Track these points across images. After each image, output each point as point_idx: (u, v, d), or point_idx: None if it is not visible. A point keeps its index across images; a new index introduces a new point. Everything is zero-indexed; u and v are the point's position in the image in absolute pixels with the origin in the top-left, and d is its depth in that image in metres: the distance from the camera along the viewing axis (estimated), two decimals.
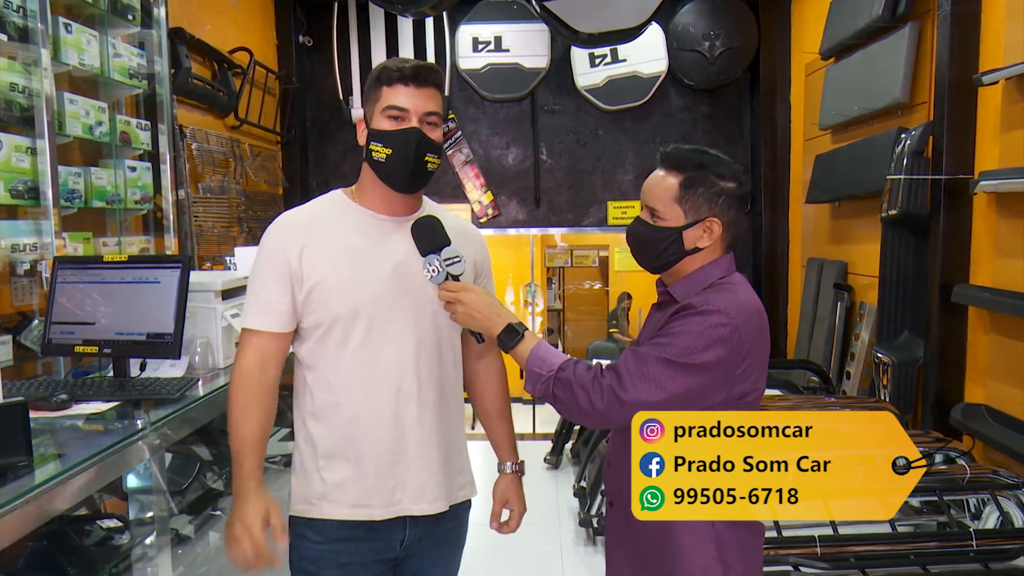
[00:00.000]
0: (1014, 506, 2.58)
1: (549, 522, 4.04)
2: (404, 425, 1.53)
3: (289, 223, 1.55)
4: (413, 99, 1.48)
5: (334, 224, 1.54)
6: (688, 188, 1.42)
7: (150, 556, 1.85)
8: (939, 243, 3.25)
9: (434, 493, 1.56)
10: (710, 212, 1.42)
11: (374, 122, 1.50)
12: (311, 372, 1.55)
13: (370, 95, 1.52)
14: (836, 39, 4.17)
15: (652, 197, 1.46)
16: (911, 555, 2.27)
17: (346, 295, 1.49)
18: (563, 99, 5.74)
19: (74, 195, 2.69)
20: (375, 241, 1.53)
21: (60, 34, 2.61)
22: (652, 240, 1.46)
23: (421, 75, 1.48)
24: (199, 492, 2.41)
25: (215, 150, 4.17)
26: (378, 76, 1.50)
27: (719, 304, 1.35)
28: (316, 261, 1.50)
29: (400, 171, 1.49)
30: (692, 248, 1.44)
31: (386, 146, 1.48)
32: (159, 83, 3.28)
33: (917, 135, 3.35)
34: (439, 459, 1.56)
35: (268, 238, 1.55)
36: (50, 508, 1.34)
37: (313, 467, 1.54)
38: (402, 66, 1.48)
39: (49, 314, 1.96)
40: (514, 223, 5.93)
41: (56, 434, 1.63)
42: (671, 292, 1.47)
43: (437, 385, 1.56)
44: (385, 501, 1.53)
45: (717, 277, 1.44)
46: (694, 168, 1.42)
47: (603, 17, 4.16)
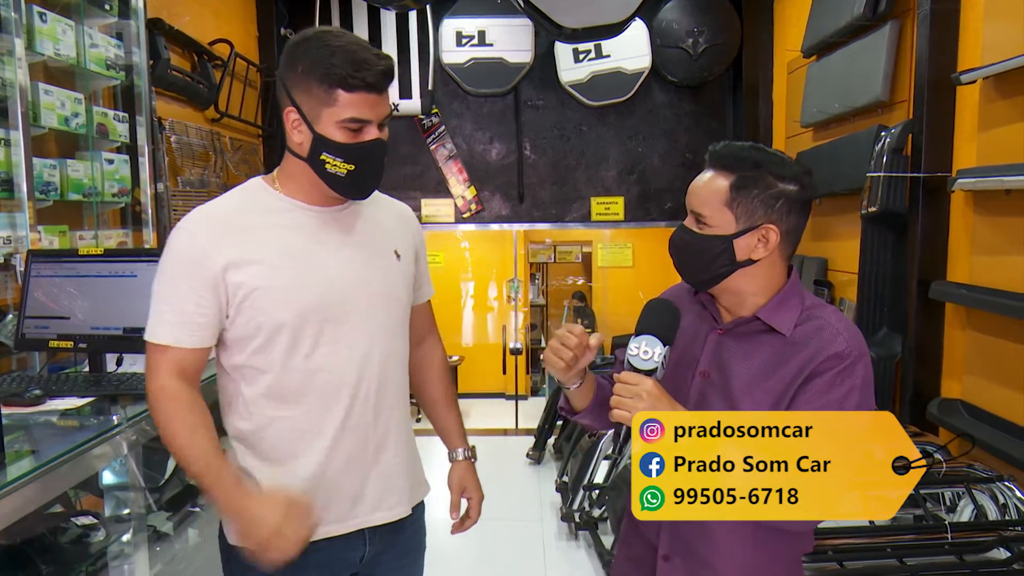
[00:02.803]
0: (988, 499, 2.62)
1: (531, 517, 4.05)
2: (362, 433, 1.40)
3: (208, 220, 1.33)
4: (377, 107, 1.30)
5: (263, 220, 1.34)
6: (740, 190, 1.24)
7: (127, 554, 1.83)
8: (917, 240, 3.29)
9: (395, 498, 1.46)
10: (766, 218, 1.24)
11: (326, 130, 1.29)
12: (250, 386, 1.36)
13: (315, 93, 1.28)
14: (818, 37, 4.20)
15: (698, 200, 1.28)
16: (888, 548, 2.30)
17: (290, 299, 1.32)
18: (547, 94, 5.74)
19: (49, 187, 2.65)
20: (314, 236, 1.36)
21: (35, 23, 2.56)
22: (698, 250, 1.27)
23: (387, 78, 1.30)
24: (177, 488, 2.39)
25: (195, 143, 4.12)
26: (330, 74, 1.25)
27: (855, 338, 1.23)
28: (248, 264, 1.30)
29: (362, 184, 1.35)
30: (745, 260, 1.26)
31: (348, 161, 1.30)
32: (137, 74, 3.23)
33: (897, 133, 3.38)
34: (397, 463, 1.47)
35: (182, 239, 1.32)
36: (23, 506, 1.32)
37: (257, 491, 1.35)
38: (364, 70, 1.26)
39: (23, 308, 1.93)
40: (497, 218, 5.92)
41: (30, 430, 1.60)
42: (769, 323, 1.28)
43: (392, 385, 1.45)
44: (342, 515, 1.40)
45: (806, 298, 1.30)
46: (748, 167, 1.25)
47: (586, 12, 4.16)
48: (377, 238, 1.44)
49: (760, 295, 1.30)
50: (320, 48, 1.27)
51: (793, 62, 4.82)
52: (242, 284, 1.31)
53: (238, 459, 1.39)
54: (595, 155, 5.81)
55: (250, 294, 1.31)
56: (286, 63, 1.31)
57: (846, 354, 1.22)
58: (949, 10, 3.14)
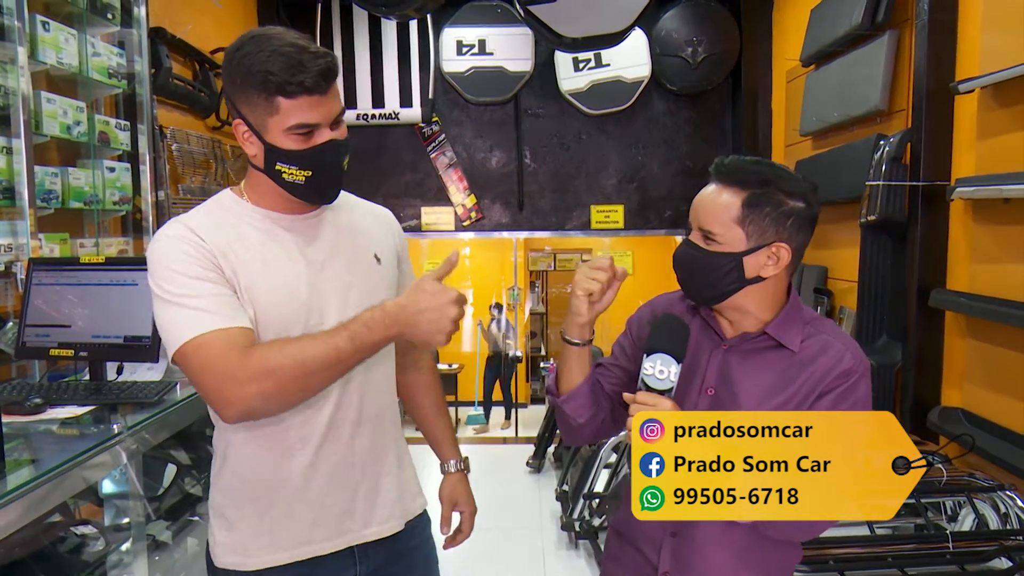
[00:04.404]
0: (989, 508, 2.61)
1: (531, 526, 4.04)
2: (346, 445, 1.34)
3: (193, 225, 1.26)
4: (322, 108, 1.22)
5: (236, 230, 1.28)
6: (752, 207, 1.23)
7: (126, 563, 1.82)
8: (917, 248, 3.29)
9: (386, 512, 1.40)
10: (777, 236, 1.24)
11: (275, 139, 1.22)
12: None
13: (257, 103, 1.20)
14: (816, 46, 4.22)
15: (708, 217, 1.25)
16: (889, 557, 2.29)
17: (270, 306, 1.26)
18: (547, 103, 5.76)
19: (51, 195, 2.65)
20: (287, 245, 1.30)
21: (37, 32, 2.58)
22: (706, 267, 1.26)
23: (328, 77, 1.21)
24: (177, 497, 2.39)
25: (196, 151, 4.13)
26: (266, 82, 1.18)
27: (858, 354, 1.25)
28: (235, 269, 1.25)
29: (324, 188, 1.29)
30: (754, 277, 1.25)
31: (303, 168, 1.24)
32: (139, 83, 3.25)
33: (895, 142, 3.39)
34: (388, 473, 1.41)
35: (174, 242, 1.23)
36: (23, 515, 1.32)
37: (241, 512, 1.32)
38: (302, 73, 1.18)
39: (24, 316, 1.93)
40: (498, 226, 5.93)
41: (30, 439, 1.60)
42: (778, 339, 1.28)
43: (377, 394, 1.40)
44: (331, 532, 1.34)
45: (805, 312, 1.31)
46: (759, 184, 1.23)
47: (587, 22, 4.18)
48: (355, 242, 1.38)
49: (765, 311, 1.30)
50: (255, 55, 1.19)
51: (792, 71, 4.84)
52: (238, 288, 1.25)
53: (222, 473, 1.34)
54: (595, 163, 5.83)
55: (243, 298, 1.25)
56: (225, 74, 1.24)
57: (853, 371, 1.24)
58: (947, 20, 3.16)
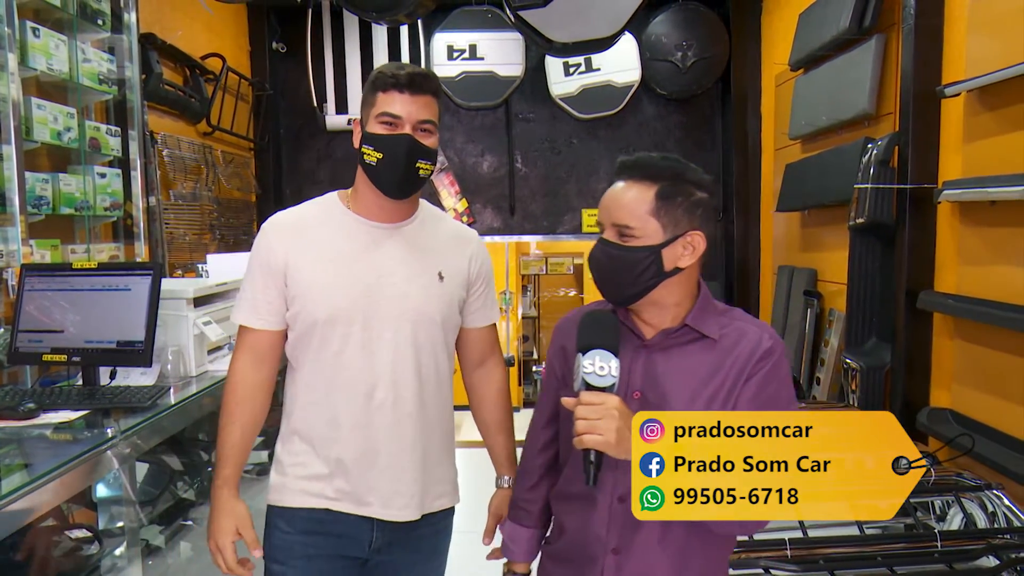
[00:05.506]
0: (977, 507, 2.64)
1: None
2: (376, 434, 1.53)
3: (279, 224, 1.57)
4: (407, 107, 1.48)
5: (323, 228, 1.55)
6: (665, 199, 1.24)
7: (120, 567, 1.82)
8: (905, 251, 3.32)
9: (404, 501, 1.55)
10: (690, 225, 1.26)
11: (368, 126, 1.51)
12: (296, 372, 1.58)
13: (367, 99, 1.53)
14: (805, 51, 4.25)
15: (623, 212, 1.26)
16: (878, 556, 2.31)
17: (324, 300, 1.50)
18: (538, 107, 5.78)
19: (41, 202, 2.65)
20: (363, 248, 1.54)
21: (28, 38, 2.58)
22: (625, 263, 1.25)
23: (416, 83, 1.48)
24: (170, 502, 2.38)
25: (187, 157, 4.12)
26: (374, 81, 1.51)
27: (774, 335, 1.28)
28: (300, 264, 1.51)
29: (390, 176, 1.50)
30: (672, 269, 1.26)
31: (377, 150, 1.49)
32: (130, 89, 3.25)
33: (883, 145, 3.42)
34: (412, 469, 1.55)
35: (259, 237, 1.57)
36: (17, 519, 1.32)
37: (289, 460, 1.57)
38: (397, 73, 1.48)
39: (16, 322, 1.93)
40: (489, 231, 5.94)
41: (23, 444, 1.60)
42: (699, 329, 1.28)
43: (415, 396, 1.55)
44: (355, 502, 1.54)
45: (719, 304, 1.34)
46: (670, 177, 1.26)
47: (577, 27, 4.20)
48: (424, 257, 1.57)
49: (682, 304, 1.31)
50: (375, 71, 1.53)
51: (781, 75, 4.88)
52: (297, 281, 1.51)
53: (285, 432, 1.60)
54: (586, 167, 5.85)
55: (299, 290, 1.51)
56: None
57: (774, 350, 1.27)
58: (933, 24, 3.19)
